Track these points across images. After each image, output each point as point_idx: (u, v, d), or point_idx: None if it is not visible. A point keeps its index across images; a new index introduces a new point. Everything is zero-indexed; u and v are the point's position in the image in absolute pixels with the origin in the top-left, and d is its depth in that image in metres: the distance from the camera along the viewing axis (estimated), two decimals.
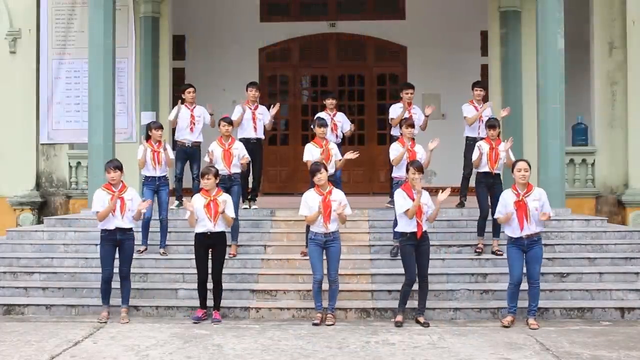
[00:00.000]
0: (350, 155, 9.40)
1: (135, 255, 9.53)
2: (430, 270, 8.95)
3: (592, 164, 13.45)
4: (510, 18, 13.46)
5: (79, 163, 13.78)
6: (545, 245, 9.66)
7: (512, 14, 13.45)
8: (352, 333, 7.64)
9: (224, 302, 8.46)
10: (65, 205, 13.80)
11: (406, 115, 10.45)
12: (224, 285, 8.41)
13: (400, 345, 7.13)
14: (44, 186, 13.99)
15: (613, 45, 13.39)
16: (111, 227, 8.22)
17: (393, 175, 9.58)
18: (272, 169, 15.58)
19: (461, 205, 10.81)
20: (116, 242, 8.26)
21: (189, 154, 10.82)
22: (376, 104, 15.74)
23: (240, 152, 9.64)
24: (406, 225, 8.03)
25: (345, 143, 15.49)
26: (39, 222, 13.29)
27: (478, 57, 14.93)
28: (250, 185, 11.13)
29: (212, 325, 8.02)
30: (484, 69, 14.43)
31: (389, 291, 8.74)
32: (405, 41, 15.53)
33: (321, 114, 10.83)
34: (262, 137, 11.10)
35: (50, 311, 8.63)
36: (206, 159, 9.56)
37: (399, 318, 8.02)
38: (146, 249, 9.75)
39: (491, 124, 9.52)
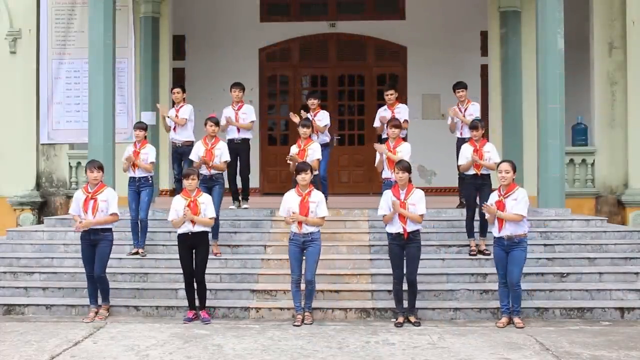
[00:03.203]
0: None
1: (137, 256, 9.59)
2: (430, 270, 9.00)
3: (592, 164, 13.47)
4: (510, 18, 13.47)
5: (79, 163, 13.79)
6: (545, 245, 9.73)
7: (512, 14, 13.47)
8: (352, 333, 7.64)
9: (224, 302, 8.47)
10: (66, 205, 13.80)
11: (389, 115, 10.48)
12: (224, 285, 8.43)
13: (400, 345, 7.13)
14: (44, 186, 14.00)
15: (613, 45, 13.41)
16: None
17: (382, 176, 9.54)
18: (272, 169, 15.56)
19: (462, 205, 10.81)
20: (92, 242, 8.27)
21: (180, 154, 10.83)
22: (376, 104, 15.60)
23: (222, 153, 9.63)
24: (391, 226, 8.05)
25: (345, 143, 15.60)
26: (39, 222, 13.31)
27: (478, 57, 14.92)
28: (240, 186, 11.15)
29: (211, 325, 8.01)
30: (484, 69, 14.43)
31: (389, 291, 8.71)
32: (405, 41, 15.52)
33: (307, 115, 10.94)
34: (248, 136, 11.08)
35: (50, 311, 8.63)
36: (194, 158, 9.58)
37: (400, 319, 8.02)
38: (138, 251, 9.73)
39: (473, 125, 9.48)
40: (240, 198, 11.10)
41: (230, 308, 8.49)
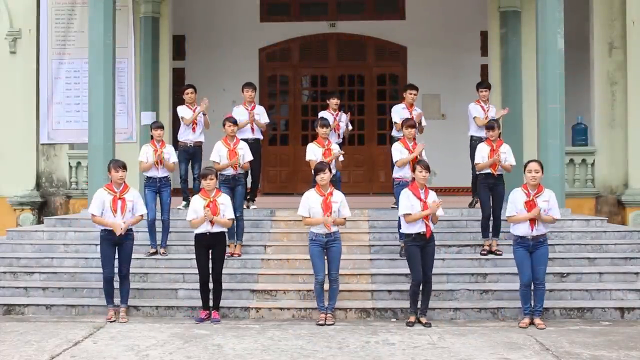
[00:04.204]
0: (337, 153, 9.54)
1: (138, 256, 9.58)
2: None
3: (592, 164, 13.46)
4: (510, 18, 13.46)
5: (79, 163, 13.79)
6: None
7: (512, 14, 13.45)
8: (352, 333, 7.64)
9: (224, 302, 8.46)
10: (65, 205, 13.81)
11: (407, 115, 10.43)
12: (224, 286, 8.42)
13: (400, 345, 7.14)
14: (44, 186, 13.99)
15: (613, 45, 13.40)
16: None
17: (395, 176, 9.49)
18: (272, 169, 15.59)
19: (473, 204, 10.80)
20: (116, 242, 8.27)
21: (191, 154, 10.83)
22: (376, 104, 15.74)
23: (245, 153, 9.64)
24: (411, 226, 8.02)
25: (345, 143, 15.56)
26: (39, 222, 13.30)
27: (478, 57, 14.93)
28: (248, 186, 11.12)
29: (212, 325, 8.03)
30: (484, 69, 14.42)
31: (389, 291, 8.74)
32: (405, 41, 15.53)
33: (323, 114, 10.84)
34: (261, 137, 11.11)
35: (50, 311, 8.63)
36: (216, 159, 9.45)
37: (412, 319, 8.04)
38: (156, 251, 9.71)
39: (490, 125, 9.52)
40: (248, 198, 11.05)
41: (230, 308, 8.49)
